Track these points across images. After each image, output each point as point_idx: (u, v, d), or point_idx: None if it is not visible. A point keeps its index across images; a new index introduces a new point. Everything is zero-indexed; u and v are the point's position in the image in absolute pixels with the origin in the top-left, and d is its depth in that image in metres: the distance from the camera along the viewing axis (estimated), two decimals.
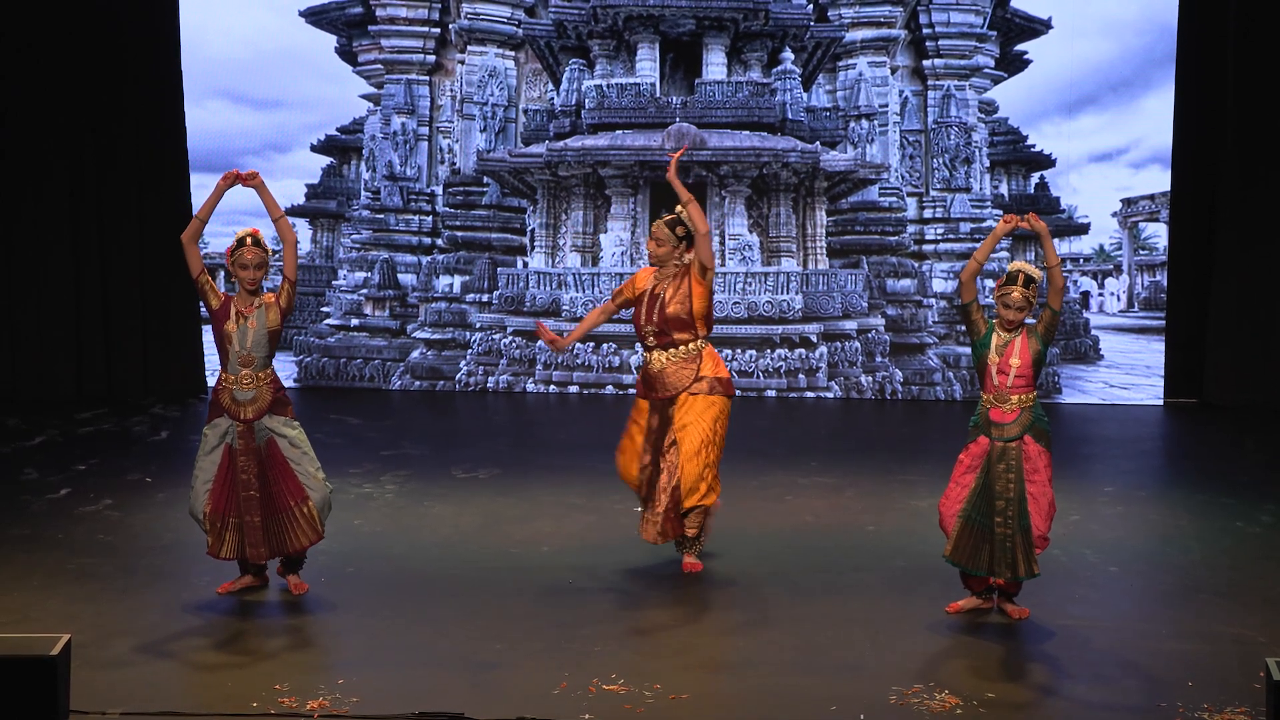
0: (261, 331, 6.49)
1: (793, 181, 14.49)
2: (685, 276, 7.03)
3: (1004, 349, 6.21)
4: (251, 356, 6.48)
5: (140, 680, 5.48)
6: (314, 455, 6.62)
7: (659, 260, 7.08)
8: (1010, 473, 6.17)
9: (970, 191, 15.08)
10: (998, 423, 6.22)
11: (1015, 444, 6.18)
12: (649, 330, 7.05)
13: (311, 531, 6.56)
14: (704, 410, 7.03)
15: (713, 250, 7.07)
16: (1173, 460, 11.33)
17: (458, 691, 5.36)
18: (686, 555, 7.21)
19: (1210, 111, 13.12)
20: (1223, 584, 6.98)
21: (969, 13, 15.00)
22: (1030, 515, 6.16)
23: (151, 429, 11.55)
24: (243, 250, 6.47)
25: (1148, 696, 5.38)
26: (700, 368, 7.04)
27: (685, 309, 7.00)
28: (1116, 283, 16.97)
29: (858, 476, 9.71)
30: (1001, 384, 6.20)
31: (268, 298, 6.56)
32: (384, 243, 15.07)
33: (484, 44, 15.18)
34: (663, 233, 7.06)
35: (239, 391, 6.49)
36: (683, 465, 6.98)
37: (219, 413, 6.53)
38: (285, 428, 6.55)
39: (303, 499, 6.52)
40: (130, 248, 13.30)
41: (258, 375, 6.50)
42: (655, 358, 7.07)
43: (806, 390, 14.00)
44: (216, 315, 6.49)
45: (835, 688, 5.42)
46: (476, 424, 12.81)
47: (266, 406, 6.50)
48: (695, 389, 7.02)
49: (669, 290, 7.03)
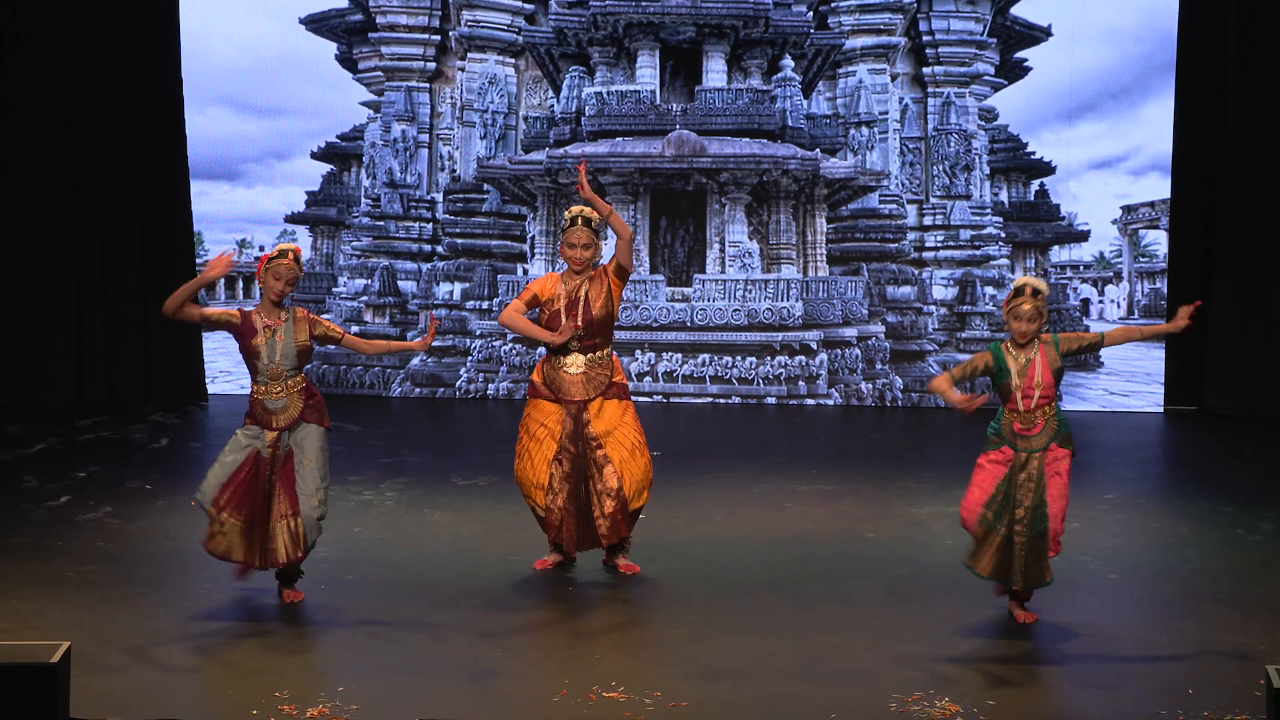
0: (290, 345, 6.50)
1: (793, 189, 14.49)
2: (604, 279, 7.07)
3: (1025, 371, 6.20)
4: (280, 369, 6.50)
5: (140, 688, 5.47)
6: (322, 475, 6.59)
7: (584, 263, 7.06)
8: (1031, 481, 6.22)
9: (970, 198, 15.09)
10: (1023, 435, 6.26)
11: (1041, 454, 6.22)
12: (576, 335, 7.05)
13: (294, 547, 6.53)
14: (624, 413, 7.10)
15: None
16: (1173, 468, 11.31)
17: (458, 699, 5.35)
18: (622, 558, 7.26)
19: (1210, 119, 13.13)
20: (1223, 592, 6.96)
21: (969, 20, 15.02)
22: (1050, 517, 6.21)
23: (152, 436, 11.54)
24: (280, 262, 6.47)
25: (1148, 704, 5.36)
26: (613, 373, 7.12)
27: (609, 311, 7.06)
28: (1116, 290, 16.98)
29: (858, 484, 9.70)
30: (1027, 406, 6.22)
31: (300, 312, 6.58)
32: (384, 250, 15.08)
33: (484, 51, 15.20)
34: (588, 236, 7.06)
35: (270, 401, 6.51)
36: (625, 466, 7.01)
37: (253, 420, 6.56)
38: (310, 440, 6.56)
39: (295, 513, 6.53)
40: (131, 255, 13.30)
41: (287, 384, 6.53)
42: (574, 361, 7.07)
43: (807, 397, 14.00)
44: (241, 332, 6.49)
45: (835, 696, 5.41)
46: (476, 431, 12.80)
47: (298, 414, 6.53)
48: (610, 393, 7.07)
49: (592, 292, 7.05)
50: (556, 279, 7.13)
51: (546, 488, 7.04)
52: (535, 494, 7.10)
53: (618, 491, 7.00)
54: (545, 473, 7.05)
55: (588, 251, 7.05)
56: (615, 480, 6.99)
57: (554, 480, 7.02)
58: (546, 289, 7.11)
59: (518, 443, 7.19)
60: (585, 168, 6.94)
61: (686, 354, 14.15)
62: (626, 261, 7.03)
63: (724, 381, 14.09)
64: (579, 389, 7.05)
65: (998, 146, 15.41)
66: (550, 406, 7.09)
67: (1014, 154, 15.50)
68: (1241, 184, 13.01)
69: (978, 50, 15.11)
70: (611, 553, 7.28)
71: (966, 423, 13.03)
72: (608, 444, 7.03)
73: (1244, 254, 13.04)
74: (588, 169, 14.19)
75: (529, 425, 7.15)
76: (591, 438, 7.02)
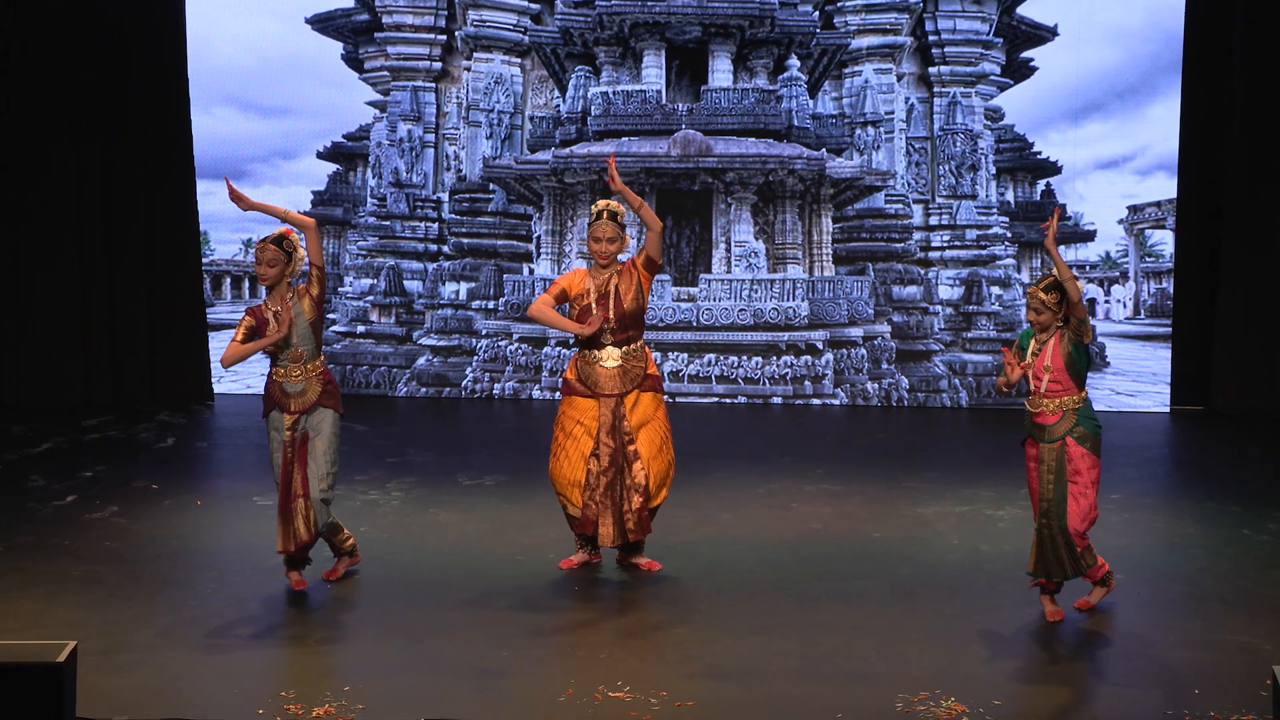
0: (302, 323, 6.63)
1: (799, 188, 14.49)
2: (633, 271, 7.07)
3: (1037, 354, 6.28)
4: (299, 351, 6.64)
5: (146, 687, 5.47)
6: (331, 460, 6.72)
7: (609, 257, 7.07)
8: (1050, 474, 6.28)
9: (976, 198, 15.07)
10: (1040, 425, 6.35)
11: (1057, 445, 6.25)
12: (607, 328, 7.05)
13: (306, 528, 6.68)
14: (657, 407, 7.12)
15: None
16: (1179, 468, 11.29)
17: (463, 698, 5.35)
18: (641, 556, 7.27)
19: (1216, 118, 13.10)
20: (1229, 592, 6.95)
21: (975, 20, 14.99)
22: (1068, 515, 6.24)
23: (158, 436, 11.54)
24: (258, 247, 6.66)
25: (1154, 704, 5.35)
26: (647, 365, 7.13)
27: (639, 304, 7.07)
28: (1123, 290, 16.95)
29: (864, 484, 9.69)
30: (1036, 388, 6.31)
31: (299, 288, 6.71)
32: (390, 249, 15.08)
33: (490, 51, 15.19)
34: (613, 230, 7.06)
35: (288, 384, 6.67)
36: (651, 463, 7.03)
37: (271, 405, 6.70)
38: (324, 424, 6.69)
39: (305, 494, 6.68)
40: (137, 255, 13.31)
41: (306, 368, 6.67)
42: (609, 355, 7.07)
43: (812, 397, 13.99)
44: (257, 328, 6.62)
45: (841, 695, 5.41)
46: (482, 431, 12.79)
47: (315, 399, 6.67)
48: (645, 385, 7.09)
49: (622, 285, 7.06)
50: (585, 274, 7.14)
51: (584, 485, 7.04)
52: (572, 492, 7.09)
53: (644, 488, 7.02)
54: (582, 470, 7.05)
55: (613, 245, 7.06)
56: (643, 476, 7.01)
57: (591, 477, 7.03)
58: (575, 284, 7.12)
59: (553, 441, 7.18)
60: (613, 162, 6.93)
61: (692, 354, 14.14)
62: (656, 253, 7.02)
63: (730, 381, 14.08)
64: (615, 383, 7.05)
65: (1004, 146, 15.39)
66: (586, 402, 7.09)
67: (1020, 154, 15.48)
68: (1248, 183, 12.97)
69: (984, 50, 15.09)
70: (629, 551, 7.27)
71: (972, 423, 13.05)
72: (639, 438, 7.04)
73: (1250, 254, 13.00)
74: (594, 169, 14.25)
75: (564, 423, 7.13)
76: (627, 431, 7.03)
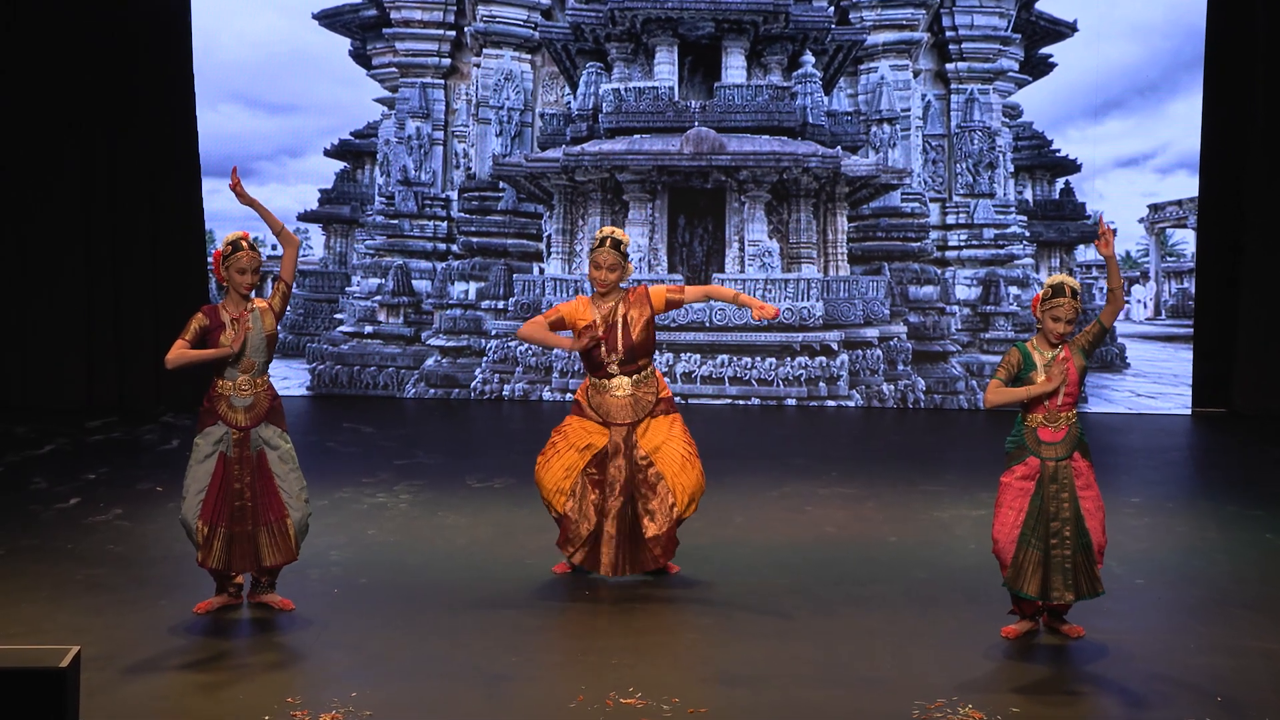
0: (259, 336, 6.40)
1: (813, 187, 14.39)
2: (647, 304, 6.92)
3: (1051, 368, 6.07)
4: (251, 362, 6.40)
5: (150, 692, 5.43)
6: (300, 473, 6.52)
7: (608, 285, 6.92)
8: (1064, 491, 6.07)
9: (994, 197, 14.98)
10: (1049, 442, 6.10)
11: (1066, 462, 6.08)
12: (614, 359, 6.91)
13: (286, 550, 6.45)
14: (671, 426, 6.97)
15: None
16: (1200, 471, 11.21)
17: (472, 704, 5.31)
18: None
19: (1239, 116, 13.02)
20: (1251, 597, 6.88)
21: (993, 15, 14.90)
22: (1090, 532, 6.08)
23: (162, 438, 11.51)
24: (239, 255, 6.32)
25: (1175, 711, 5.29)
26: (659, 389, 7.00)
27: (650, 334, 6.94)
28: (1143, 290, 16.85)
29: (879, 487, 9.63)
30: (1053, 405, 6.08)
31: (259, 302, 6.45)
32: (398, 248, 15.02)
33: (500, 47, 15.12)
34: (614, 258, 6.91)
35: (236, 398, 6.40)
36: (676, 480, 6.89)
37: (212, 420, 6.41)
38: (278, 439, 6.46)
39: (282, 516, 6.43)
40: (142, 254, 13.28)
41: (255, 381, 6.42)
42: (619, 384, 6.94)
43: (827, 399, 13.89)
44: (210, 330, 6.37)
45: (857, 701, 5.36)
46: (491, 433, 12.75)
47: (263, 414, 6.42)
48: (655, 411, 6.95)
49: (632, 314, 6.91)
50: (587, 302, 6.99)
51: (569, 494, 6.94)
52: (556, 499, 6.99)
53: (670, 509, 6.88)
54: (568, 481, 6.95)
55: (613, 274, 6.91)
56: (670, 498, 6.88)
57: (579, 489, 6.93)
58: (578, 313, 6.94)
59: (549, 444, 7.07)
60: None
61: (705, 354, 14.05)
62: (677, 299, 6.96)
63: (743, 382, 13.99)
64: (627, 412, 6.93)
65: (1022, 144, 15.30)
66: (591, 425, 6.98)
67: (1039, 151, 15.38)
68: (1270, 182, 12.89)
69: (1002, 46, 14.99)
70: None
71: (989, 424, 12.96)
72: (657, 460, 6.91)
73: (1272, 253, 12.92)
74: (606, 167, 14.17)
75: (567, 431, 7.02)
76: (641, 458, 6.90)
